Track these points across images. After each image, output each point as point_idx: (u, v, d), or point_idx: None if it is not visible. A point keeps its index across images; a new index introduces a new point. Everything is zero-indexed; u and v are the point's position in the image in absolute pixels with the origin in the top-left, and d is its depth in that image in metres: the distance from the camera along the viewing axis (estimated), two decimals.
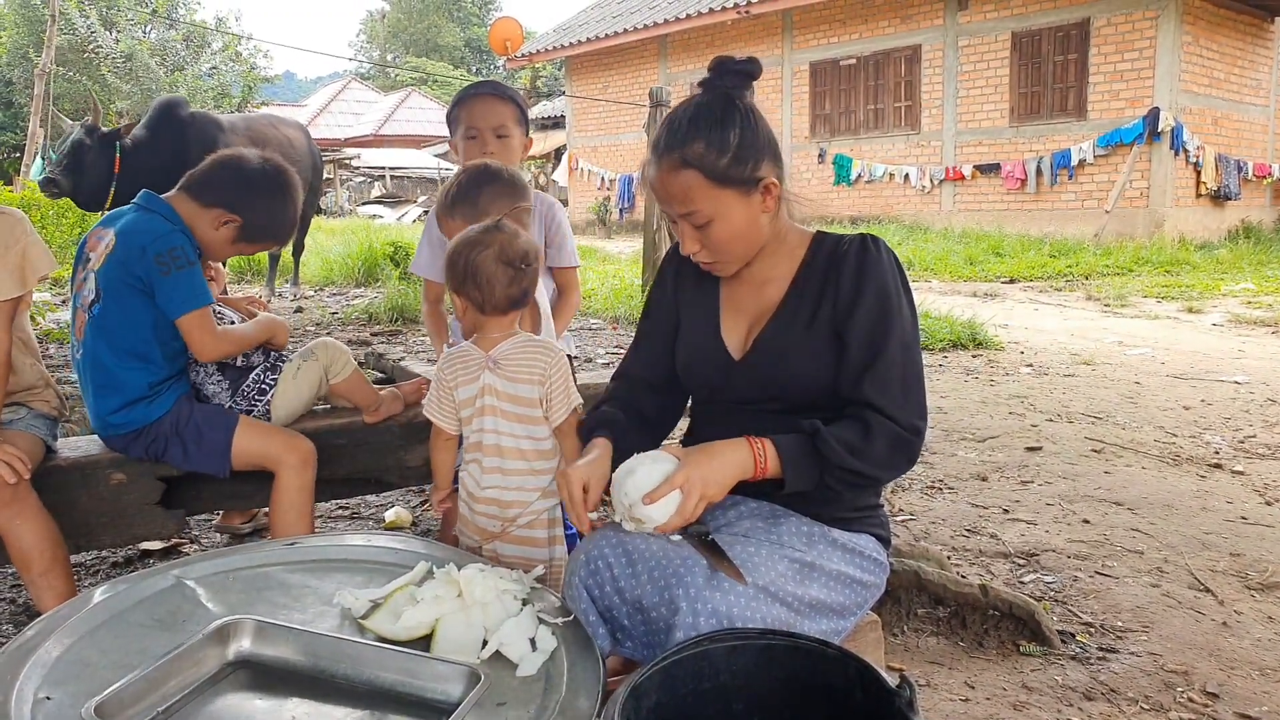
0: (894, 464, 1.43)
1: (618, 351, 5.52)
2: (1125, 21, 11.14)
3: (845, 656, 1.22)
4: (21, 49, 18.08)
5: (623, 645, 1.40)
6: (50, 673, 1.15)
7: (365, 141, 29.65)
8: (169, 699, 1.14)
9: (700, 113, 1.43)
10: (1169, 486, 3.07)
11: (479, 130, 2.21)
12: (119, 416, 1.98)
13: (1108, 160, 11.34)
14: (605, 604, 1.39)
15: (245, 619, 1.26)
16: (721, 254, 1.48)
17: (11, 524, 1.82)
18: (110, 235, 1.98)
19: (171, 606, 1.33)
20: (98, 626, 1.26)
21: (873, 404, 1.40)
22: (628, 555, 1.39)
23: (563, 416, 1.71)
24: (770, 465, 1.39)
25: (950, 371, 5.00)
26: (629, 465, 1.40)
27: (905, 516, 2.81)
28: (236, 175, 2.08)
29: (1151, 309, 7.09)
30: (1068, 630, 2.07)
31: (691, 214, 1.44)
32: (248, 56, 25.16)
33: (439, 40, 45.50)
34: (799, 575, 1.39)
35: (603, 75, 17.32)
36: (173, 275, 1.93)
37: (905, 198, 13.32)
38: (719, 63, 1.47)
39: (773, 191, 1.46)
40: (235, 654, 1.23)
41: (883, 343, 1.42)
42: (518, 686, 1.18)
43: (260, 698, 1.18)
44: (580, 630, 1.33)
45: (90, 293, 1.97)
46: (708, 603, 1.29)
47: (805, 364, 1.47)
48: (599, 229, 16.51)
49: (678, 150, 1.41)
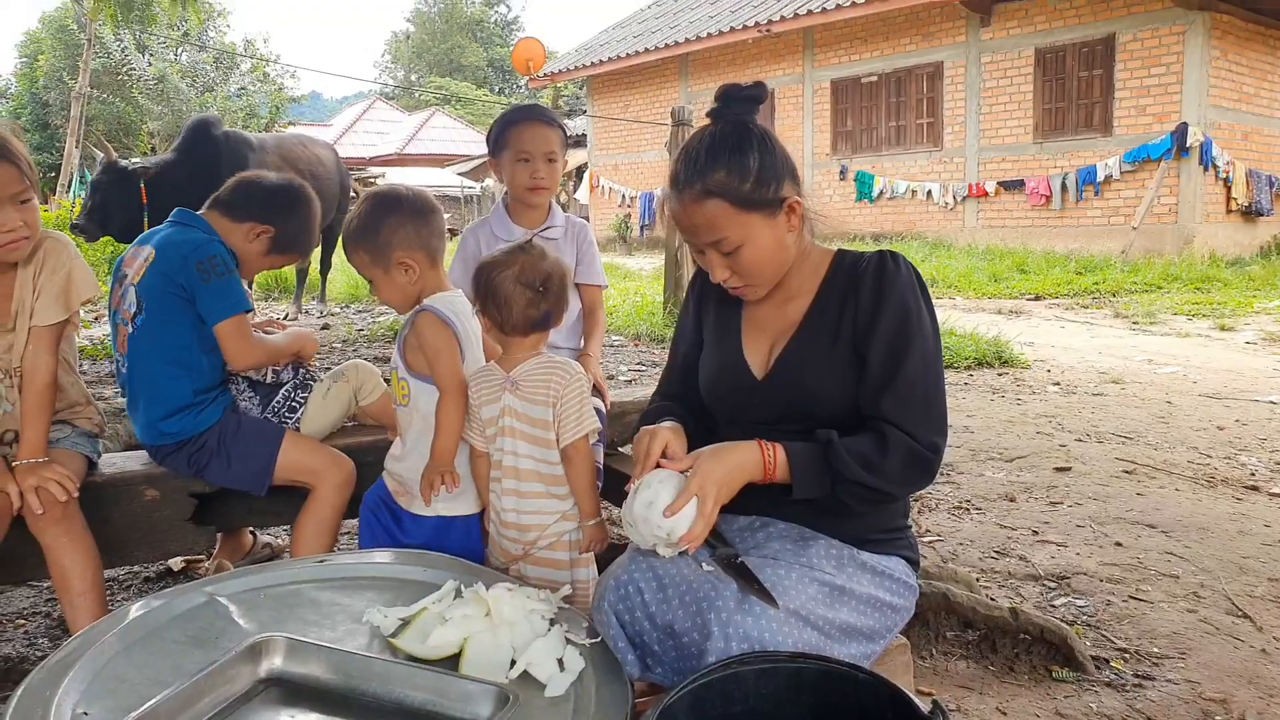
0: (909, 480, 1.41)
1: (639, 369, 5.53)
2: (1152, 36, 11.07)
3: (877, 681, 1.21)
4: (58, 72, 18.56)
5: (653, 671, 1.39)
6: (88, 688, 1.16)
7: (390, 160, 29.97)
8: (201, 716, 1.15)
9: (717, 142, 1.44)
10: (1204, 509, 3.01)
11: (531, 155, 2.29)
12: (169, 424, 2.01)
13: (1134, 176, 11.23)
14: (635, 629, 1.39)
15: (277, 637, 1.27)
16: (752, 278, 1.49)
17: (58, 542, 1.85)
18: (148, 250, 2.03)
19: (204, 623, 1.34)
20: (133, 643, 1.28)
21: (892, 420, 1.39)
22: (658, 580, 1.38)
23: (572, 438, 1.69)
24: (779, 470, 1.39)
25: (975, 390, 4.95)
26: (638, 487, 1.39)
27: (932, 538, 2.78)
28: (264, 191, 2.16)
29: (1182, 326, 6.99)
30: (1102, 656, 2.03)
31: (719, 242, 1.44)
32: (275, 77, 25.61)
33: (462, 60, 46.05)
34: (829, 599, 1.38)
35: (624, 94, 17.44)
36: (213, 282, 1.98)
37: (928, 215, 13.26)
38: (725, 91, 1.49)
39: (796, 210, 1.47)
40: (267, 671, 1.24)
41: (902, 358, 1.41)
42: (545, 707, 1.18)
43: (291, 715, 1.19)
44: (607, 652, 1.33)
45: (131, 306, 2.02)
46: (739, 627, 1.28)
47: (827, 383, 1.46)
48: (620, 246, 16.58)
49: (699, 181, 1.42)
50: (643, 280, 10.18)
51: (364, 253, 1.81)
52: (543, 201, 2.39)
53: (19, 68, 27.11)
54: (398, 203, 1.82)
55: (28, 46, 26.54)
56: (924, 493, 3.12)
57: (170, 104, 21.51)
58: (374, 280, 1.84)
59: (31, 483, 1.80)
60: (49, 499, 1.81)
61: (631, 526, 1.39)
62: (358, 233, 1.82)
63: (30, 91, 24.64)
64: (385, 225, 1.79)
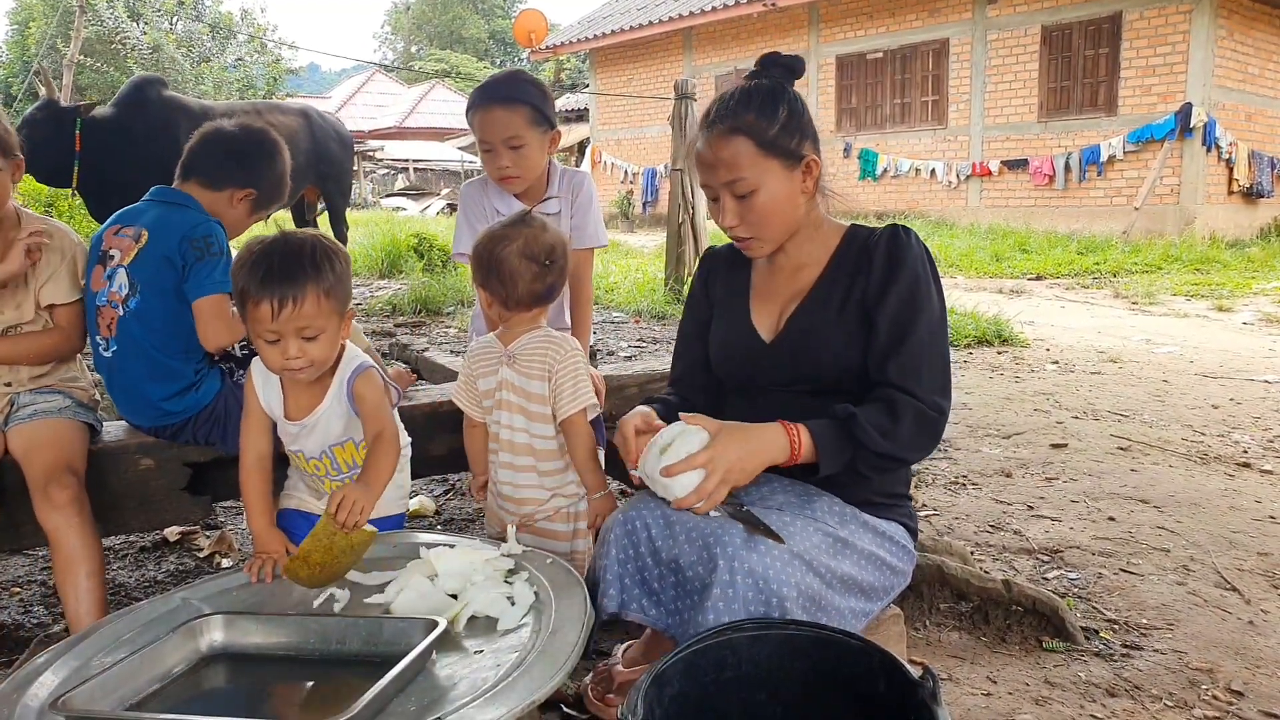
0: (920, 444, 1.44)
1: (640, 345, 5.53)
2: (1158, 15, 10.97)
3: (869, 647, 1.22)
4: (50, 40, 18.38)
5: (648, 612, 1.42)
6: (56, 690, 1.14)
7: (389, 134, 29.82)
8: (140, 692, 1.15)
9: (752, 90, 1.51)
10: (1196, 485, 3.03)
11: (492, 144, 2.10)
12: (174, 403, 2.00)
13: (1138, 156, 11.17)
14: (638, 564, 1.42)
15: (214, 615, 1.28)
16: (759, 228, 1.51)
17: (70, 523, 1.80)
18: (137, 231, 2.00)
19: (173, 622, 1.33)
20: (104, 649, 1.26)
21: (897, 384, 1.42)
22: (665, 519, 1.42)
23: (569, 411, 1.69)
24: (804, 451, 1.40)
25: (975, 368, 4.96)
26: (664, 434, 1.42)
27: (929, 512, 2.80)
28: (230, 150, 2.09)
29: (1180, 307, 6.99)
30: (1091, 627, 2.05)
31: (735, 182, 1.48)
32: (273, 48, 25.37)
33: (463, 32, 45.62)
34: (832, 549, 1.40)
35: (627, 68, 17.29)
36: (205, 261, 1.96)
37: (931, 193, 13.20)
38: (766, 57, 1.57)
39: (813, 171, 1.51)
40: (208, 647, 1.25)
41: (910, 326, 1.44)
42: (498, 635, 1.24)
43: (231, 683, 1.21)
44: (566, 571, 1.37)
45: (122, 288, 1.99)
46: (744, 561, 1.30)
47: (835, 345, 1.49)
48: (622, 222, 16.51)
49: (729, 119, 1.48)
50: (644, 257, 10.15)
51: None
52: (517, 189, 2.18)
53: (10, 35, 26.81)
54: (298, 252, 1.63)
55: (19, 14, 26.22)
56: (920, 467, 3.13)
57: (165, 74, 21.33)
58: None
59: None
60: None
61: (645, 476, 1.42)
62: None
63: (22, 60, 24.40)
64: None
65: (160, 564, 2.51)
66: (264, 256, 1.52)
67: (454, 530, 2.62)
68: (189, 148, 2.12)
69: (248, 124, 2.16)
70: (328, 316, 1.55)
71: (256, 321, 1.52)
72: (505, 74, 2.21)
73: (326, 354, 1.59)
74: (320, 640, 1.24)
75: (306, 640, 1.24)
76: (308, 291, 1.51)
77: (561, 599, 1.29)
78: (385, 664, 1.12)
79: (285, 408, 1.68)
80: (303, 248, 1.54)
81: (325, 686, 1.19)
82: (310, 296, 1.51)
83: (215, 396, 2.03)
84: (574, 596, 1.29)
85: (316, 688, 1.19)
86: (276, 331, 1.52)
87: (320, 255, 1.54)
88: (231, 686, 1.20)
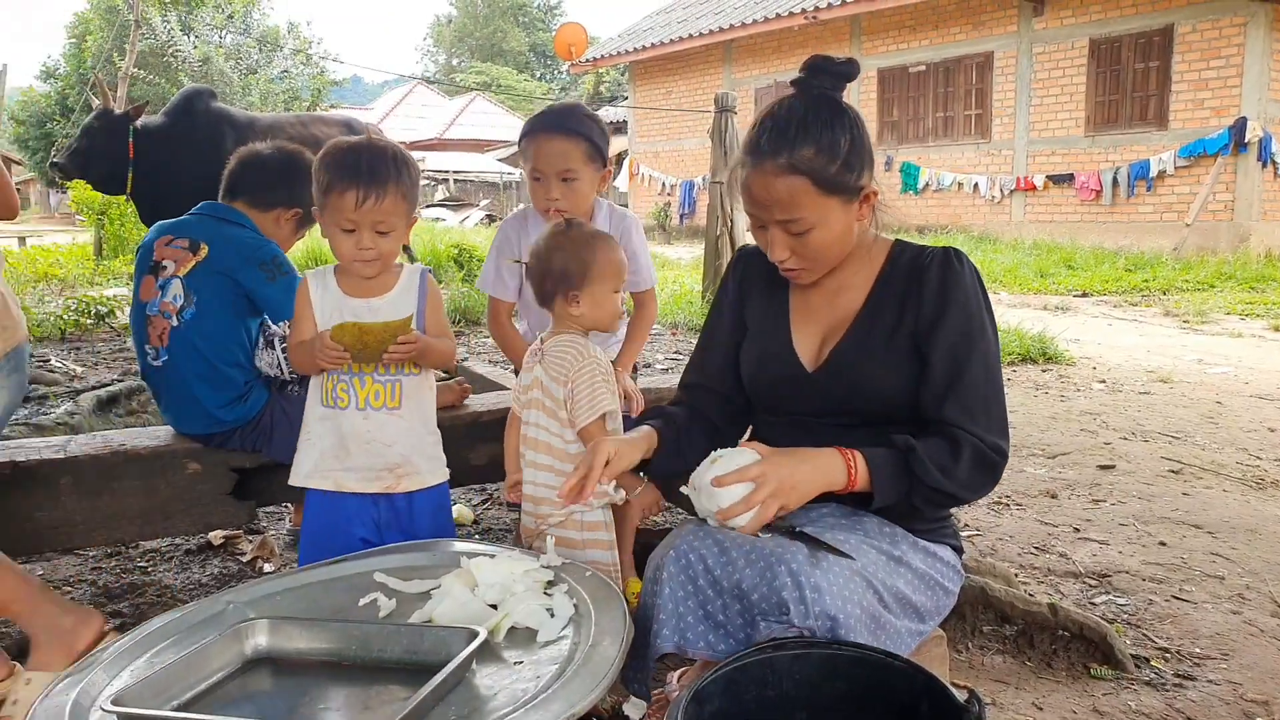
0: (978, 485, 1.39)
1: (677, 357, 5.51)
2: (1212, 28, 10.74)
3: (913, 669, 1.20)
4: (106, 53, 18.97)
5: (715, 648, 1.34)
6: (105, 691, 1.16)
7: (430, 145, 30.22)
8: (187, 693, 1.16)
9: (810, 116, 1.36)
10: (1252, 510, 2.93)
11: (544, 174, 2.05)
12: (226, 412, 2.06)
13: (1189, 171, 10.93)
14: (699, 599, 1.34)
15: (259, 620, 1.29)
16: (812, 262, 1.45)
17: None
18: (194, 243, 2.07)
19: (219, 626, 1.34)
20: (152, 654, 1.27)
21: (956, 424, 1.37)
22: (720, 546, 1.34)
23: (585, 420, 1.67)
24: (860, 479, 1.35)
25: (1019, 386, 4.87)
26: (712, 455, 1.39)
27: (971, 532, 2.75)
28: (271, 172, 2.16)
29: (1235, 326, 6.80)
30: (1142, 655, 1.99)
31: (792, 222, 1.39)
32: (317, 61, 25.91)
33: (504, 45, 46.23)
34: (888, 566, 1.36)
35: (666, 80, 17.36)
36: (278, 281, 2.06)
37: (974, 207, 13.03)
38: (814, 62, 1.40)
39: (870, 201, 1.43)
40: (253, 651, 1.26)
41: (966, 362, 1.38)
42: (538, 647, 1.23)
43: (275, 686, 1.22)
44: (605, 585, 1.36)
45: (177, 299, 2.04)
46: (810, 577, 1.25)
47: (884, 378, 1.43)
48: (659, 234, 16.55)
49: (785, 154, 1.35)
50: (681, 269, 10.15)
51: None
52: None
53: (67, 49, 27.67)
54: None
55: (76, 28, 27.07)
56: None
57: (214, 85, 21.86)
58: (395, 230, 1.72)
59: None
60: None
61: (694, 491, 1.39)
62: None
63: (78, 72, 25.17)
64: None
65: (205, 567, 2.55)
66: (352, 152, 1.64)
67: (492, 539, 2.63)
68: (229, 170, 2.19)
69: (283, 145, 2.24)
70: (400, 216, 1.67)
71: (338, 210, 1.62)
72: (566, 105, 2.19)
73: (393, 250, 1.70)
74: (362, 647, 1.25)
75: (349, 646, 1.25)
76: (389, 189, 1.63)
77: (601, 613, 1.28)
78: (426, 672, 1.12)
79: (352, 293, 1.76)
80: (386, 150, 1.67)
81: (366, 693, 1.19)
82: (391, 194, 1.63)
83: (263, 408, 2.08)
84: (613, 610, 1.28)
85: (357, 694, 1.19)
86: (355, 221, 1.62)
87: (401, 160, 1.67)
88: (275, 690, 1.21)
